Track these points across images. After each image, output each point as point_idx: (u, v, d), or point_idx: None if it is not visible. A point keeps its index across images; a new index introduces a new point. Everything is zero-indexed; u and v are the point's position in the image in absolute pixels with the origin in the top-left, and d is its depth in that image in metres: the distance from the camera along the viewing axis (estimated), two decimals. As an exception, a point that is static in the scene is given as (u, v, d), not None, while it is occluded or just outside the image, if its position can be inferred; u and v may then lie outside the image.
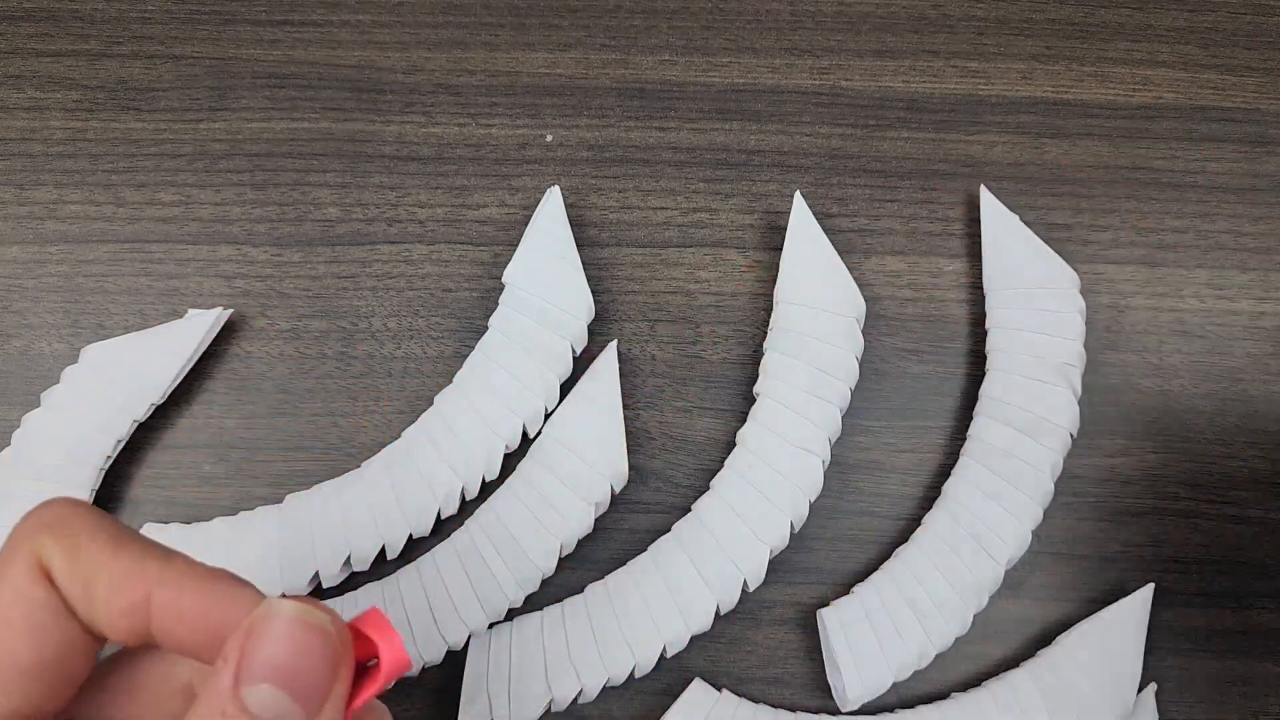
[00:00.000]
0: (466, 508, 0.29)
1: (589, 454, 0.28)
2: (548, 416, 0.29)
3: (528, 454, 0.29)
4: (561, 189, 0.31)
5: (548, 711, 0.26)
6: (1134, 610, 0.28)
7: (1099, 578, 0.30)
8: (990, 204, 0.31)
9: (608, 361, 0.29)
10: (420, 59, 0.34)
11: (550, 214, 0.30)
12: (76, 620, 0.15)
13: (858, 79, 0.34)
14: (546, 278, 0.29)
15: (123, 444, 0.29)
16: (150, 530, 0.28)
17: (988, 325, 0.31)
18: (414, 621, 0.26)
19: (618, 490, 0.28)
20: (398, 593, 0.27)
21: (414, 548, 0.28)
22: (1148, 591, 0.28)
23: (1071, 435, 0.29)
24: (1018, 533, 0.28)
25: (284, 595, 0.16)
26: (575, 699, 0.26)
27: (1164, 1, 0.35)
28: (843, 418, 0.29)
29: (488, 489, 0.29)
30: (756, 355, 0.31)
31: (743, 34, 0.35)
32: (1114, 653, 0.27)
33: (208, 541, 0.27)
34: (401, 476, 0.28)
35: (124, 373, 0.28)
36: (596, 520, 0.28)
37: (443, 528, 0.29)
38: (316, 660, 0.14)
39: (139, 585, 0.15)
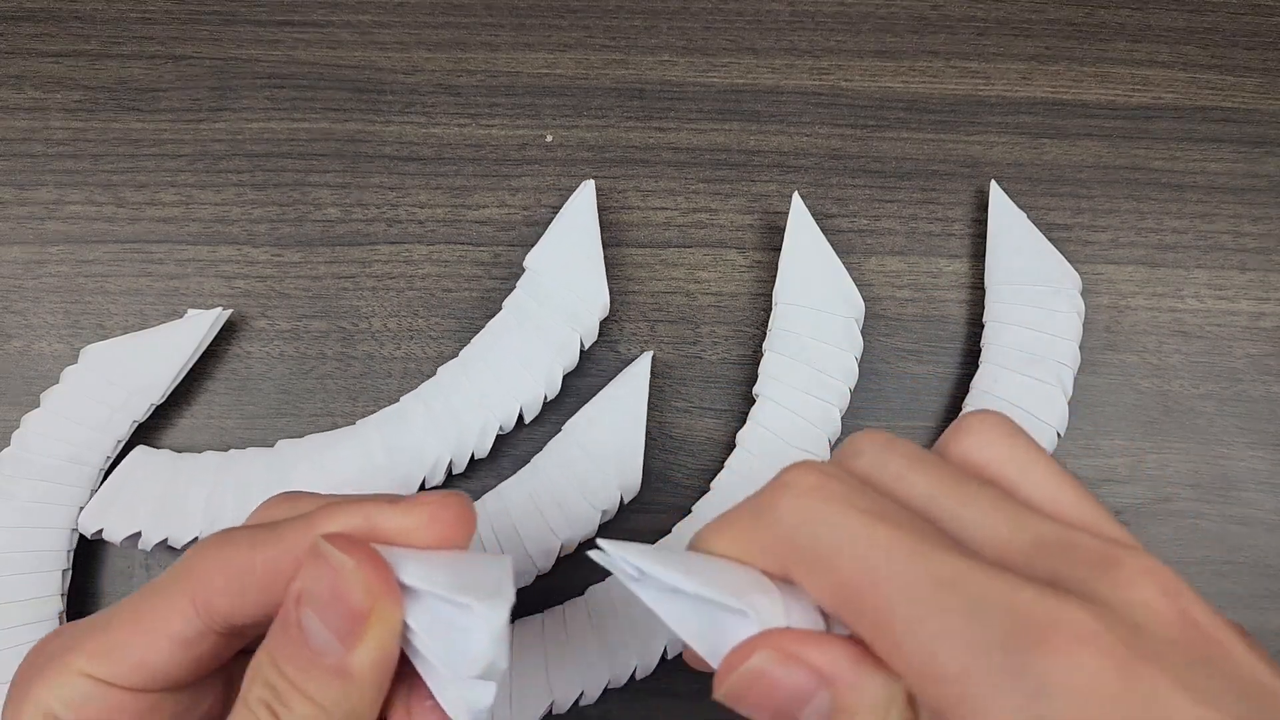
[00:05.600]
0: (452, 481, 0.29)
1: (606, 462, 0.28)
2: (546, 405, 0.29)
3: (544, 450, 0.29)
4: (562, 189, 0.31)
5: (549, 713, 0.26)
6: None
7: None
8: (999, 199, 0.31)
9: (640, 370, 0.29)
10: (420, 59, 0.34)
11: (581, 207, 0.30)
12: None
13: (858, 79, 0.34)
14: (568, 268, 0.29)
15: (123, 444, 0.29)
16: (141, 452, 0.28)
17: (985, 319, 0.31)
18: None
19: (627, 501, 0.28)
20: None
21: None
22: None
23: (1059, 434, 0.29)
24: None
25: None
26: (576, 701, 0.26)
27: (1164, 2, 0.35)
28: (842, 418, 0.29)
29: (476, 465, 0.29)
30: (756, 355, 0.31)
31: (743, 34, 0.35)
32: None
33: (195, 471, 0.28)
34: (392, 439, 0.28)
35: (124, 373, 0.28)
36: (596, 520, 0.28)
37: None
38: (339, 596, 0.15)
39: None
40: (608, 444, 0.28)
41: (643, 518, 0.30)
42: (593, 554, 0.15)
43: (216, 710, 0.18)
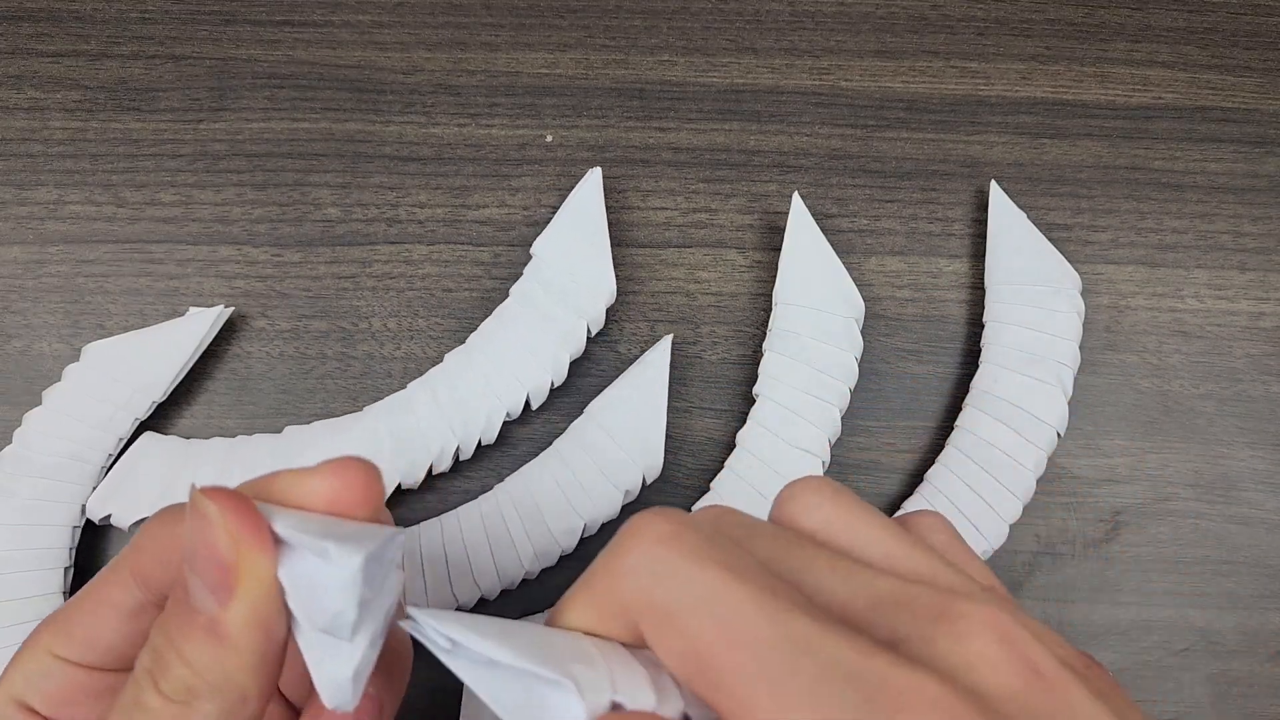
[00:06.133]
0: (461, 468, 0.29)
1: (628, 442, 0.28)
2: (553, 393, 0.29)
3: (566, 432, 0.29)
4: (562, 189, 0.31)
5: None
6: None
7: (1098, 578, 0.30)
8: (999, 199, 0.31)
9: (660, 354, 0.29)
10: (420, 59, 0.34)
11: (587, 195, 0.30)
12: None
13: (858, 79, 0.34)
14: (574, 256, 0.30)
15: (124, 441, 0.29)
16: (148, 438, 0.29)
17: (985, 319, 0.31)
18: (428, 575, 0.27)
19: (649, 481, 0.28)
20: (417, 545, 0.27)
21: (406, 497, 0.29)
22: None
23: (1058, 434, 0.29)
24: (995, 525, 0.28)
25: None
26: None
27: (1164, 2, 0.35)
28: (842, 418, 0.29)
29: (485, 452, 0.30)
30: (756, 355, 0.31)
31: (743, 34, 0.35)
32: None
33: (202, 457, 0.28)
34: (398, 427, 0.28)
35: (126, 370, 0.28)
36: (595, 520, 0.28)
37: (434, 483, 0.29)
38: (209, 548, 0.14)
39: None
40: (629, 424, 0.28)
41: (642, 517, 0.30)
42: (402, 623, 0.14)
43: None
